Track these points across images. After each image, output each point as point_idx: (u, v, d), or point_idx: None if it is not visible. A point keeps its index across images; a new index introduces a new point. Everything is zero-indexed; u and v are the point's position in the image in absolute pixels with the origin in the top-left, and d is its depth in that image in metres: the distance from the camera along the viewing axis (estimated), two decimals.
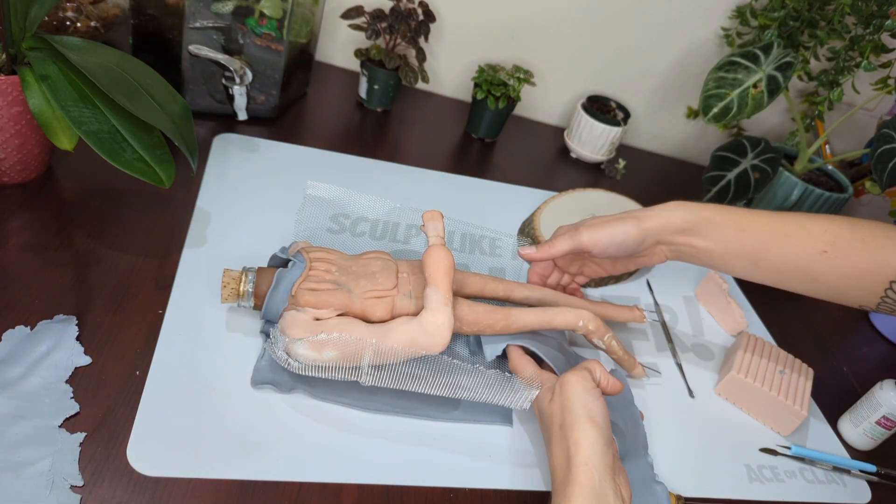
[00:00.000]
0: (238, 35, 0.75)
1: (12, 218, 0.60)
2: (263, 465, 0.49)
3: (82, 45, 0.60)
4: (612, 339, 0.63)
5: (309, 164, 0.81)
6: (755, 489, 0.62)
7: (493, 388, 0.54)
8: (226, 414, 0.51)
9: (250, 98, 0.81)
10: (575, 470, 0.46)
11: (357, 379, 0.53)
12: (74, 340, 0.51)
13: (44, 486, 0.43)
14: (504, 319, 0.59)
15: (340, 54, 1.04)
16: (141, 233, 0.63)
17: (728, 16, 1.04)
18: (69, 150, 0.58)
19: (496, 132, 1.01)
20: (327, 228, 0.71)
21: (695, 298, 0.83)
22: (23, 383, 0.48)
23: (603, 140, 1.02)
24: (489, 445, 0.56)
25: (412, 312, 0.55)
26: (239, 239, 0.66)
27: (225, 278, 0.55)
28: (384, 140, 0.92)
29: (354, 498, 0.49)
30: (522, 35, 1.04)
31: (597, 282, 0.77)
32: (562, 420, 0.49)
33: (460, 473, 0.53)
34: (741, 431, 0.67)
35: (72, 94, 0.56)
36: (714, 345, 0.77)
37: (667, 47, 1.08)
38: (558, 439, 0.49)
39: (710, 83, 0.84)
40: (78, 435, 0.46)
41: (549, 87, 1.10)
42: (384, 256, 0.59)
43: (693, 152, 1.22)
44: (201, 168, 0.73)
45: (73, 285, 0.56)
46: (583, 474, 0.45)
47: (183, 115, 0.61)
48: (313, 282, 0.54)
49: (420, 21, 0.90)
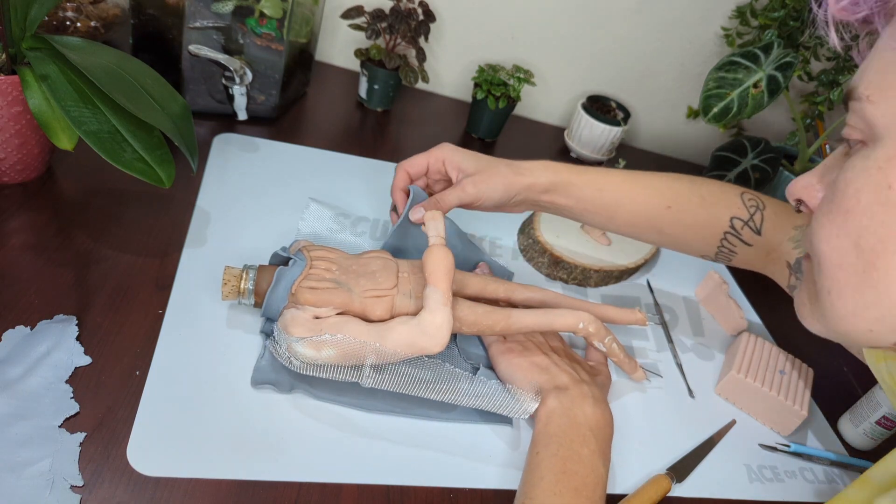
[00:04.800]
0: (238, 35, 0.75)
1: (12, 218, 0.60)
2: (263, 465, 0.49)
3: (82, 45, 0.60)
4: (612, 342, 0.63)
5: (309, 164, 0.81)
6: (755, 489, 0.62)
7: (493, 397, 0.55)
8: (226, 414, 0.51)
9: (250, 98, 0.81)
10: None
11: (357, 380, 0.53)
12: (74, 340, 0.51)
13: (44, 486, 0.43)
14: (504, 320, 0.59)
15: (340, 54, 1.04)
16: (141, 233, 0.63)
17: (728, 16, 1.04)
18: (69, 150, 0.58)
19: (496, 132, 1.01)
20: (328, 228, 0.71)
21: (695, 298, 0.83)
22: (23, 383, 0.48)
23: (603, 140, 1.02)
24: (489, 445, 0.56)
25: (412, 312, 0.55)
26: (239, 239, 0.66)
27: (226, 275, 0.55)
28: (384, 140, 0.92)
29: (354, 498, 0.49)
30: (522, 35, 1.04)
31: (596, 281, 0.77)
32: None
33: (460, 473, 0.53)
34: (741, 431, 0.67)
35: (72, 94, 0.56)
36: (714, 345, 0.77)
37: (667, 47, 1.08)
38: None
39: (710, 83, 0.84)
40: (78, 435, 0.46)
41: (549, 87, 1.10)
42: (385, 256, 0.59)
43: (693, 152, 1.22)
44: (201, 168, 0.73)
45: (73, 285, 0.56)
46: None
47: (183, 115, 0.61)
48: (313, 280, 0.54)
49: (420, 21, 0.90)
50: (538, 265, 0.78)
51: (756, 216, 0.63)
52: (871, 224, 0.35)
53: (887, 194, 0.34)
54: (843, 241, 0.37)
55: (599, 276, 0.77)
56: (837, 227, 0.37)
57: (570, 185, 0.63)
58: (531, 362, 0.58)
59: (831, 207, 0.38)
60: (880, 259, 0.35)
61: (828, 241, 0.38)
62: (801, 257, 0.59)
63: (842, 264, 0.37)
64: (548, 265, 0.77)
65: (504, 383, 0.57)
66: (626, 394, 0.66)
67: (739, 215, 0.63)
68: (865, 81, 0.36)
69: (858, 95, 0.36)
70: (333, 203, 0.75)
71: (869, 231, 0.35)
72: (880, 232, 0.35)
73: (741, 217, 0.63)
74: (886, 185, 0.34)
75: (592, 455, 0.51)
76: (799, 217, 0.62)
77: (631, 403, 0.65)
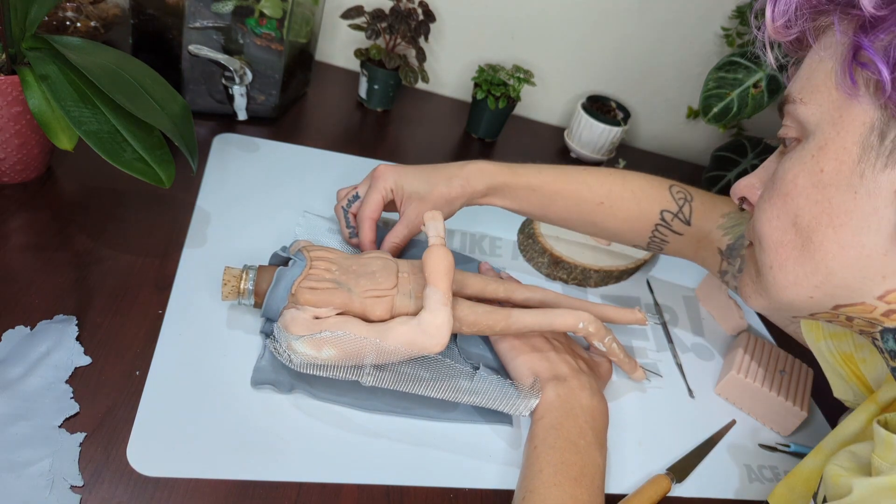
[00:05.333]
0: (238, 35, 0.75)
1: (12, 218, 0.60)
2: (263, 465, 0.49)
3: (82, 45, 0.60)
4: (612, 342, 0.63)
5: (309, 164, 0.81)
6: (755, 489, 0.62)
7: (493, 394, 0.55)
8: (226, 414, 0.51)
9: (250, 98, 0.81)
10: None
11: (358, 379, 0.53)
12: (74, 340, 0.51)
13: (44, 486, 0.43)
14: (504, 320, 0.59)
15: (340, 54, 1.04)
16: (141, 233, 0.63)
17: (728, 16, 1.04)
18: (69, 150, 0.58)
19: (496, 132, 1.01)
20: (328, 228, 0.71)
21: (695, 298, 0.83)
22: (23, 383, 0.48)
23: (603, 140, 1.02)
24: (489, 445, 0.56)
25: (412, 312, 0.55)
26: (239, 239, 0.66)
27: (226, 276, 0.55)
28: (384, 140, 0.92)
29: (354, 498, 0.49)
30: (522, 35, 1.04)
31: (596, 281, 0.77)
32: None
33: (460, 473, 0.53)
34: (741, 431, 0.67)
35: (72, 94, 0.56)
36: (714, 345, 0.77)
37: (667, 47, 1.08)
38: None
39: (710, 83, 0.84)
40: (78, 435, 0.46)
41: (549, 87, 1.10)
42: (384, 256, 0.59)
43: (693, 152, 1.22)
44: (201, 168, 0.73)
45: (73, 285, 0.56)
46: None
47: (183, 115, 0.61)
48: (313, 280, 0.54)
49: (420, 21, 0.90)
50: (538, 265, 0.78)
51: (685, 208, 0.66)
52: (806, 203, 0.40)
53: (820, 177, 0.39)
54: (783, 221, 0.42)
55: (599, 276, 0.77)
56: (777, 209, 0.42)
57: (505, 186, 0.66)
58: (532, 346, 0.60)
59: (772, 194, 0.43)
60: (815, 233, 0.40)
61: (769, 222, 0.43)
62: (733, 244, 0.64)
63: (782, 241, 0.42)
64: (548, 265, 0.77)
65: (504, 379, 0.57)
66: (625, 393, 0.66)
67: (669, 208, 0.66)
68: (798, 86, 0.42)
69: (792, 99, 0.42)
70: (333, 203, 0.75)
71: (804, 210, 0.40)
72: (814, 210, 0.40)
73: (670, 210, 0.66)
74: (819, 170, 0.40)
75: (590, 446, 0.52)
76: (726, 205, 0.66)
77: (631, 403, 0.65)
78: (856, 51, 0.37)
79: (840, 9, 0.38)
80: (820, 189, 0.39)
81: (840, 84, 0.38)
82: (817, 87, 0.40)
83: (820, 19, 0.40)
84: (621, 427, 0.61)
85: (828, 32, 0.40)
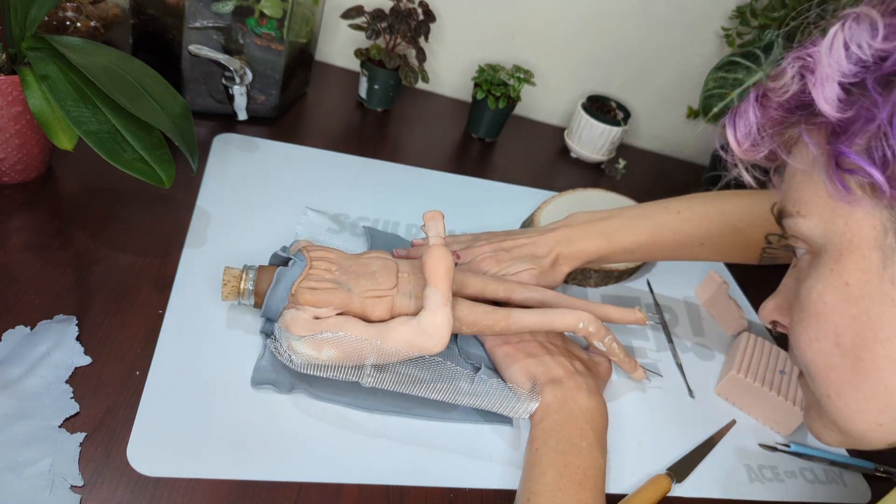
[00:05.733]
0: (238, 35, 0.75)
1: (12, 218, 0.60)
2: (263, 465, 0.49)
3: (82, 45, 0.60)
4: (612, 342, 0.63)
5: (309, 164, 0.81)
6: (755, 489, 0.62)
7: (493, 397, 0.55)
8: (226, 414, 0.51)
9: (250, 98, 0.81)
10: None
11: (358, 379, 0.53)
12: (74, 340, 0.51)
13: (44, 486, 0.43)
14: (504, 320, 0.59)
15: (340, 54, 1.04)
16: (141, 233, 0.63)
17: (728, 16, 1.04)
18: (69, 150, 0.58)
19: (496, 132, 1.01)
20: (328, 228, 0.71)
21: (695, 298, 0.83)
22: (23, 383, 0.48)
23: (603, 140, 1.02)
24: (489, 445, 0.56)
25: (412, 312, 0.55)
26: (239, 239, 0.66)
27: (226, 276, 0.55)
28: (384, 140, 0.92)
29: (354, 498, 0.49)
30: (522, 35, 1.04)
31: (596, 282, 0.77)
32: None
33: (460, 473, 0.53)
34: (741, 431, 0.67)
35: (72, 94, 0.56)
36: (714, 345, 0.77)
37: (667, 47, 1.08)
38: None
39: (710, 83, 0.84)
40: (78, 435, 0.46)
41: (549, 87, 1.10)
42: (385, 256, 0.59)
43: (693, 152, 1.22)
44: (201, 168, 0.73)
45: (73, 285, 0.56)
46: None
47: (183, 115, 0.61)
48: (313, 280, 0.54)
49: (420, 21, 0.90)
50: None
51: None
52: (843, 320, 0.37)
53: (847, 290, 0.36)
54: (824, 343, 0.38)
55: (599, 276, 0.77)
56: (814, 331, 0.39)
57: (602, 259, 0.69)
58: (527, 352, 0.60)
59: (802, 316, 0.39)
60: (863, 350, 0.36)
61: (809, 346, 0.39)
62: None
63: (831, 365, 0.38)
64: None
65: (504, 382, 0.57)
66: (625, 393, 0.66)
67: (775, 230, 0.62)
68: (790, 200, 0.39)
69: (789, 213, 0.39)
70: (333, 202, 0.75)
71: (843, 327, 0.37)
72: (854, 326, 0.36)
73: (776, 232, 0.63)
74: (844, 283, 0.36)
75: (591, 447, 0.52)
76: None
77: (631, 403, 0.65)
78: (837, 159, 0.34)
79: (804, 120, 0.36)
80: (853, 303, 0.36)
81: (834, 194, 0.35)
82: (811, 199, 0.37)
83: (787, 133, 0.38)
84: (621, 427, 0.61)
85: (800, 143, 0.38)
